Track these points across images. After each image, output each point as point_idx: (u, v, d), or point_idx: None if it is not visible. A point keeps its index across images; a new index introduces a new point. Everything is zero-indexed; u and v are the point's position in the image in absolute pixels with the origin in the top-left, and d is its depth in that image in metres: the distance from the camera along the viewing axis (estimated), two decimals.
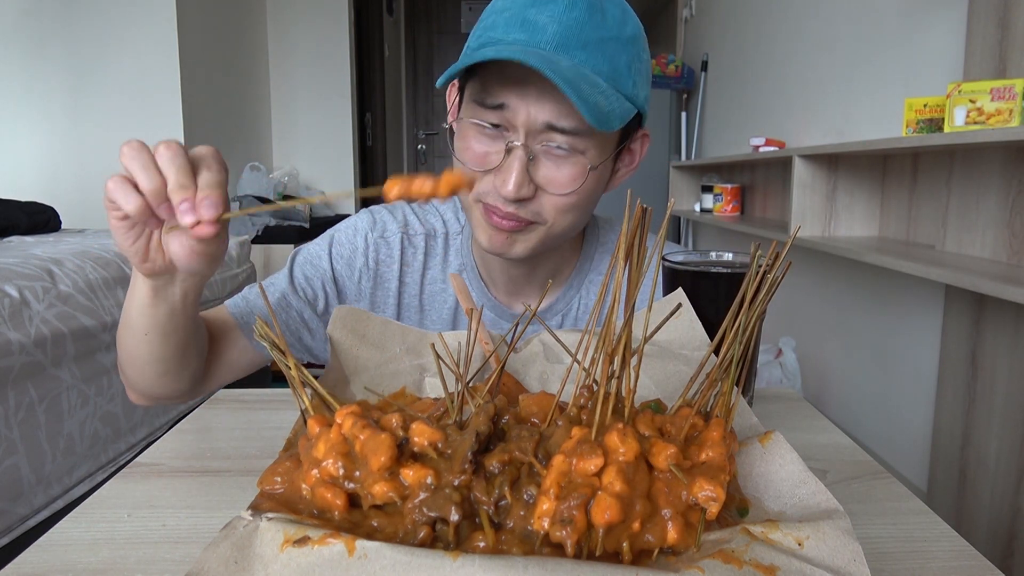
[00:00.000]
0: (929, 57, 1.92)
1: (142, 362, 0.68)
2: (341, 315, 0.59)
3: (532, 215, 0.71)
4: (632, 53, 0.70)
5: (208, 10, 3.27)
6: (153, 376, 0.70)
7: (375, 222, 0.87)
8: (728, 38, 3.65)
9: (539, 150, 0.69)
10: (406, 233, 0.87)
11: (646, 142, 0.80)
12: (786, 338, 2.45)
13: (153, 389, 0.73)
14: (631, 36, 0.70)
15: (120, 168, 0.54)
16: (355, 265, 0.85)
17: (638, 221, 0.38)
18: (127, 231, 0.54)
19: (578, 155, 0.69)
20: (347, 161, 4.32)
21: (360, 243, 0.85)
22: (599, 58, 0.67)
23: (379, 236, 0.86)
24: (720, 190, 3.21)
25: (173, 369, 0.70)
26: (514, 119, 0.67)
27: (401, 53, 5.96)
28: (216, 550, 0.34)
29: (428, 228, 0.87)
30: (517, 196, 0.68)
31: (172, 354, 0.68)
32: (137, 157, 0.51)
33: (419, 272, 0.87)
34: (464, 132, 0.72)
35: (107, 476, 1.67)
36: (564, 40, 0.66)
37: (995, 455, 1.63)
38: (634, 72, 0.70)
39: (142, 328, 0.64)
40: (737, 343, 0.41)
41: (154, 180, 0.50)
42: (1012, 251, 1.57)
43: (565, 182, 0.70)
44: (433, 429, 0.38)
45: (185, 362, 0.70)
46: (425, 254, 0.87)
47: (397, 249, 0.86)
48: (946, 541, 0.44)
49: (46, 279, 1.58)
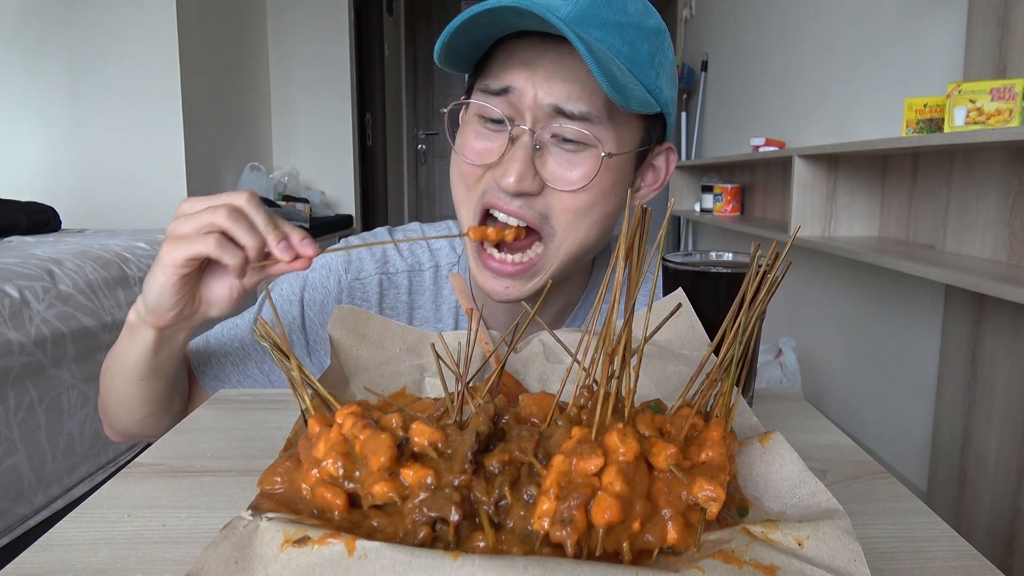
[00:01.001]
0: (929, 57, 1.92)
1: (131, 405, 0.67)
2: (341, 315, 0.58)
3: (538, 217, 0.64)
4: (655, 45, 0.64)
5: (208, 10, 3.27)
6: (141, 417, 0.69)
7: (350, 262, 0.78)
8: (728, 38, 3.65)
9: (547, 140, 0.62)
10: (384, 273, 0.78)
11: (672, 158, 0.73)
12: (786, 338, 2.45)
13: (136, 428, 0.71)
14: (655, 28, 0.65)
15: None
16: (327, 311, 0.76)
17: (638, 221, 0.38)
18: (183, 285, 0.57)
19: (590, 148, 0.62)
20: (347, 161, 4.32)
21: (333, 286, 0.77)
22: (617, 40, 0.61)
23: (354, 278, 0.77)
24: (720, 190, 3.21)
25: (161, 410, 0.69)
26: (520, 102, 0.61)
27: (401, 53, 5.96)
28: (216, 550, 0.34)
29: (412, 263, 0.79)
30: (519, 188, 0.61)
31: (163, 395, 0.67)
32: (239, 221, 0.54)
33: (405, 313, 0.79)
34: (466, 127, 0.67)
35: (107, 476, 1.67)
36: (579, 19, 0.60)
37: (995, 455, 1.63)
38: (657, 65, 0.64)
39: (138, 375, 0.63)
40: (737, 343, 0.41)
41: (257, 238, 0.55)
42: (1012, 251, 1.57)
43: (576, 178, 0.62)
44: (433, 429, 0.38)
45: (171, 402, 0.70)
46: (410, 292, 0.78)
47: (375, 292, 0.77)
48: (946, 541, 0.44)
49: (46, 279, 1.58)
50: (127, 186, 3.02)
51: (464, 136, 0.67)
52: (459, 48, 0.62)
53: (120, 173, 3.02)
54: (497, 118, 0.63)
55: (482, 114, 0.65)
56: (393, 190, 5.69)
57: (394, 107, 5.73)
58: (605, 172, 0.63)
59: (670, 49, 0.68)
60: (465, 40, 0.61)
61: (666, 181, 0.73)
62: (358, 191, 4.47)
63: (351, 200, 4.35)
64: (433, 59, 0.63)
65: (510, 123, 0.63)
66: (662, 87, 0.66)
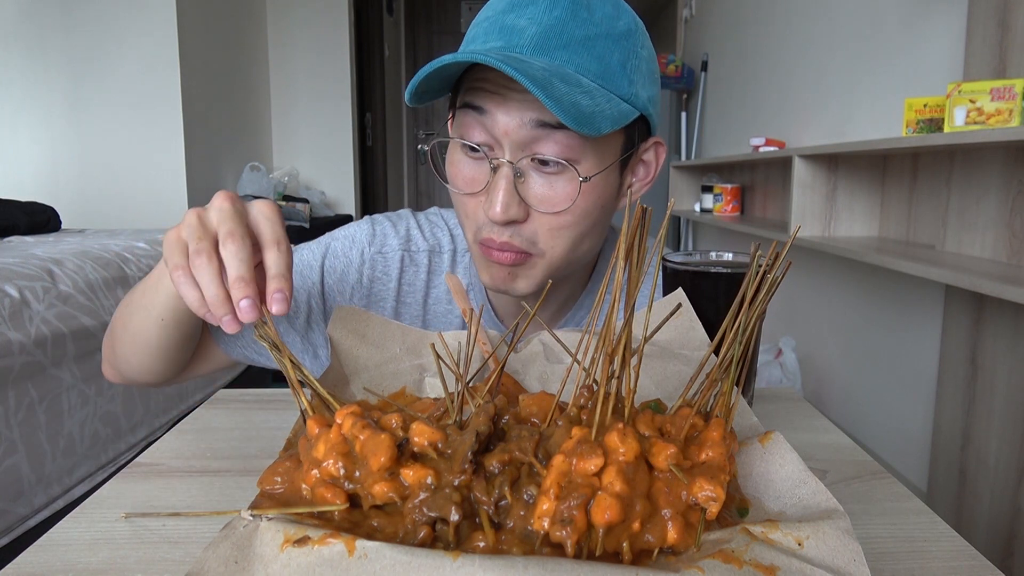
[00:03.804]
0: (929, 57, 1.92)
1: (144, 345, 0.66)
2: (341, 315, 0.59)
3: (527, 243, 0.65)
4: (626, 50, 0.65)
5: (208, 10, 3.27)
6: (149, 360, 0.68)
7: (374, 235, 0.80)
8: (728, 38, 3.65)
9: (527, 166, 0.63)
10: (407, 250, 0.80)
11: (661, 151, 0.73)
12: (786, 338, 2.45)
13: (140, 373, 0.70)
14: (624, 31, 0.65)
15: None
16: (348, 280, 0.78)
17: (638, 221, 0.39)
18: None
19: (570, 169, 0.63)
20: (347, 161, 4.32)
21: (355, 257, 0.79)
22: (585, 57, 0.62)
23: (377, 251, 0.79)
24: (720, 190, 3.21)
25: (172, 357, 0.68)
26: (494, 129, 0.62)
27: (401, 53, 5.96)
28: (216, 550, 0.34)
29: (432, 244, 0.81)
30: (506, 217, 0.63)
31: (177, 343, 0.66)
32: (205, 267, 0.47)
33: (422, 292, 0.80)
34: (452, 156, 0.68)
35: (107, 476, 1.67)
36: (543, 41, 0.61)
37: (995, 455, 1.63)
38: (630, 70, 0.65)
39: (158, 314, 0.62)
40: (737, 343, 0.41)
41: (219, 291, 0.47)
42: (1012, 251, 1.57)
43: (558, 199, 0.63)
44: (433, 429, 0.38)
45: (184, 351, 0.69)
46: (428, 272, 0.80)
47: (396, 267, 0.79)
48: (946, 541, 0.44)
49: (46, 279, 1.58)
50: (127, 186, 3.02)
51: (452, 165, 0.68)
52: (429, 88, 0.63)
53: (120, 173, 3.02)
54: (477, 146, 0.64)
55: (464, 139, 0.66)
56: (393, 190, 5.69)
57: (394, 107, 5.73)
58: (587, 191, 0.64)
59: (644, 46, 0.67)
60: (435, 81, 0.62)
61: (657, 173, 0.74)
62: (358, 191, 4.47)
63: (351, 200, 4.35)
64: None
65: (489, 151, 0.64)
66: (638, 91, 0.66)
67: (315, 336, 0.79)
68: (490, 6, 0.67)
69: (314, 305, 0.78)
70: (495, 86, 0.62)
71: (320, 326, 0.79)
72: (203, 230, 0.49)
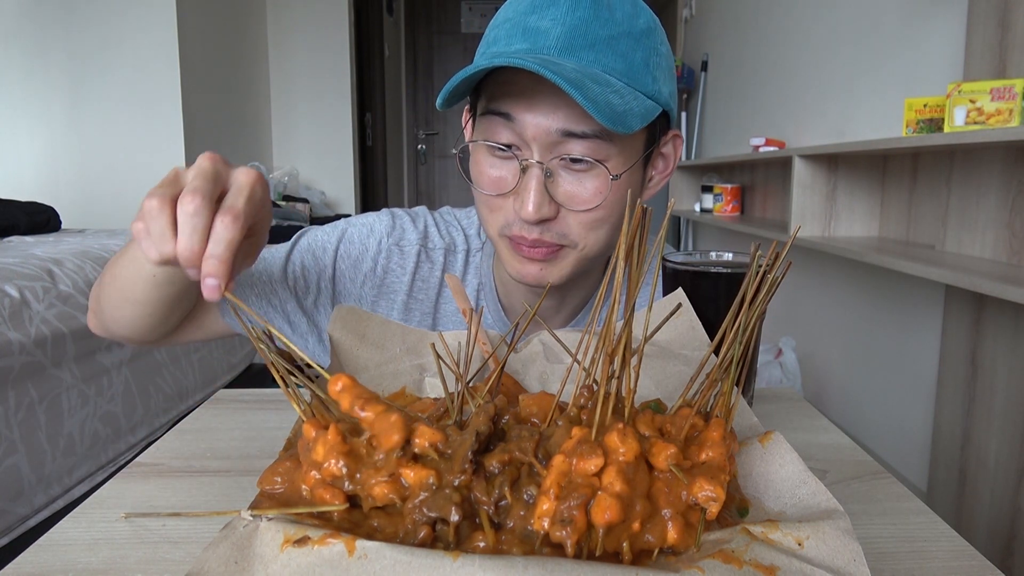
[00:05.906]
0: (929, 57, 1.92)
1: (133, 299, 0.65)
2: (341, 315, 0.58)
3: (558, 237, 0.66)
4: (648, 47, 0.66)
5: (208, 11, 3.27)
6: (137, 317, 0.67)
7: (393, 227, 0.81)
8: (728, 38, 3.65)
9: (556, 165, 0.64)
10: (425, 247, 0.81)
11: (679, 144, 0.74)
12: (786, 338, 2.45)
13: (126, 329, 0.69)
14: (645, 29, 0.66)
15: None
16: (361, 268, 0.79)
17: (638, 221, 0.38)
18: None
19: (599, 166, 0.64)
20: (347, 161, 4.32)
21: (372, 245, 0.79)
22: (611, 56, 0.63)
23: (395, 243, 0.80)
24: (720, 190, 3.21)
25: (161, 314, 0.67)
26: (524, 132, 0.63)
27: (401, 53, 5.96)
28: (216, 550, 0.34)
29: (448, 242, 0.82)
30: (538, 216, 0.64)
31: (169, 302, 0.65)
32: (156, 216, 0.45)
33: (435, 289, 0.80)
34: (477, 156, 0.68)
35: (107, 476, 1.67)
36: (569, 42, 0.62)
37: (995, 455, 1.63)
38: (653, 67, 0.66)
39: (151, 270, 0.61)
40: (737, 343, 0.41)
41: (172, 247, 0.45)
42: (1012, 251, 1.57)
43: (588, 197, 0.65)
44: (434, 430, 0.38)
45: (175, 311, 0.68)
46: (443, 270, 0.80)
47: (412, 261, 0.80)
48: (946, 541, 0.44)
49: (46, 279, 1.58)
50: (127, 186, 3.01)
51: (477, 165, 0.68)
52: (457, 92, 0.64)
53: (120, 173, 3.02)
54: (504, 146, 0.65)
55: (489, 141, 0.66)
56: (393, 190, 5.69)
57: (394, 107, 5.73)
58: (616, 187, 0.66)
59: (663, 43, 0.69)
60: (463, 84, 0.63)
61: (676, 165, 0.75)
62: (358, 191, 4.47)
63: (351, 200, 4.35)
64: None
65: (517, 151, 0.65)
66: (660, 87, 0.67)
67: (320, 319, 0.79)
68: (510, 7, 0.67)
69: (323, 287, 0.78)
70: (522, 89, 0.62)
71: (327, 309, 0.79)
72: (173, 185, 0.47)
